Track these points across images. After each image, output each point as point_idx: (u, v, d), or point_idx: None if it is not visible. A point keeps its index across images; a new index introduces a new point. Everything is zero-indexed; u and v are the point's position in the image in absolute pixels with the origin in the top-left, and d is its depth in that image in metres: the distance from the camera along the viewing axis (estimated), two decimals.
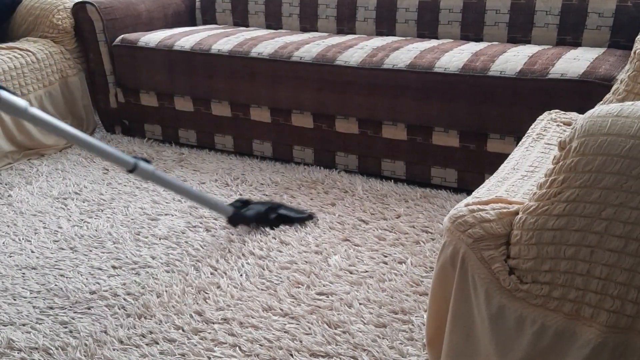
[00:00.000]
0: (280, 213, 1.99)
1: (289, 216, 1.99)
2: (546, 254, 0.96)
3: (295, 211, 2.03)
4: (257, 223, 1.97)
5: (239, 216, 1.95)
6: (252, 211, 1.96)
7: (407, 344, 1.44)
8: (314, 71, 2.34)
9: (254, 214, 1.96)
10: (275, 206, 2.01)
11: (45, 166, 2.55)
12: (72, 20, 2.79)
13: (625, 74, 1.46)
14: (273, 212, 1.98)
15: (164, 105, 2.76)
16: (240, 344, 1.45)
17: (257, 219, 1.96)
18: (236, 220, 1.96)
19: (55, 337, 1.49)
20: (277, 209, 1.99)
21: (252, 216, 1.95)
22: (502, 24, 2.49)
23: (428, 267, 1.76)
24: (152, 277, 1.73)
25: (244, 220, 1.96)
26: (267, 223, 1.97)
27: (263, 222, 1.97)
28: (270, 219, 1.97)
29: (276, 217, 1.98)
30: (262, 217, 1.96)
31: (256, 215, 1.96)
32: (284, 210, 2.01)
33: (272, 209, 1.99)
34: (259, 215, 1.96)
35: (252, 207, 1.98)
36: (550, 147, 1.41)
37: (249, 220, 1.96)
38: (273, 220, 1.97)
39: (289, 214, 2.00)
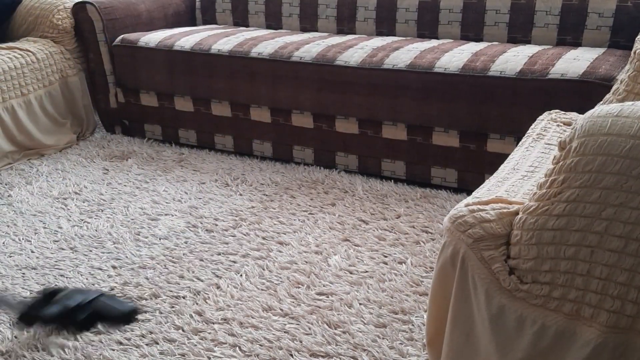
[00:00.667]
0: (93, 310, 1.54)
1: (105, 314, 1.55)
2: (546, 254, 0.96)
3: (116, 304, 1.58)
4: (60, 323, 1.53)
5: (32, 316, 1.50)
6: (55, 308, 1.52)
7: (407, 344, 1.44)
8: (314, 71, 2.34)
9: (57, 312, 1.51)
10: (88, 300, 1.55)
11: (45, 166, 2.55)
12: (72, 20, 2.79)
13: (625, 74, 1.46)
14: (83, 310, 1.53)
15: (164, 105, 2.76)
16: (240, 344, 1.45)
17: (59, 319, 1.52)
18: (28, 321, 1.51)
19: (56, 336, 1.48)
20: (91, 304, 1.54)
21: (52, 315, 1.51)
22: (502, 24, 2.49)
23: (428, 267, 1.76)
24: (152, 277, 1.73)
25: (38, 320, 1.51)
26: (74, 324, 1.53)
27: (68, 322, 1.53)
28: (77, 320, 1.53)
29: (87, 315, 1.53)
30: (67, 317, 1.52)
31: (59, 315, 1.51)
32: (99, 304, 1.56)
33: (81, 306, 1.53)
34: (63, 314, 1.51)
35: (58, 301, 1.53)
36: (551, 147, 1.41)
37: (45, 320, 1.51)
38: (82, 320, 1.53)
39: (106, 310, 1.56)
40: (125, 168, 2.53)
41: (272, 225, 2.01)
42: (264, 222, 2.03)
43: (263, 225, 2.01)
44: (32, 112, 2.64)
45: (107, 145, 2.80)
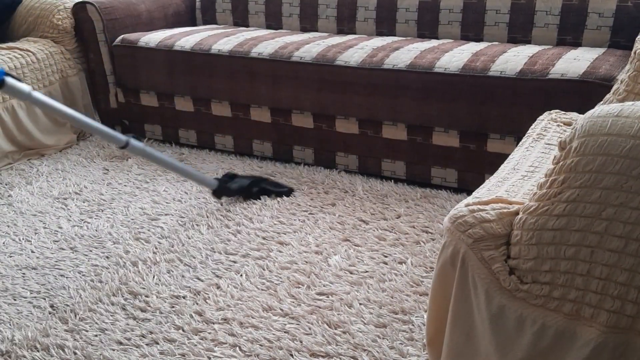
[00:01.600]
0: (262, 187, 2.18)
1: (270, 189, 2.19)
2: (546, 254, 0.96)
3: (277, 185, 2.23)
4: (240, 195, 2.16)
5: (223, 189, 2.11)
6: (236, 184, 2.14)
7: (407, 344, 1.44)
8: (314, 71, 2.34)
9: (237, 187, 2.13)
10: (258, 180, 2.19)
11: (46, 166, 2.55)
12: (72, 20, 2.79)
13: (626, 74, 1.46)
14: (256, 185, 2.17)
15: (164, 105, 2.76)
16: (240, 344, 1.45)
17: (240, 192, 2.15)
18: (220, 193, 2.12)
19: (56, 336, 1.49)
20: (260, 183, 2.18)
21: (235, 189, 2.13)
22: (502, 24, 2.49)
23: (428, 267, 1.76)
24: (152, 277, 1.73)
25: (227, 192, 2.13)
26: (250, 196, 2.16)
27: (246, 194, 2.16)
28: (252, 192, 2.15)
29: (258, 190, 2.16)
30: (245, 190, 2.15)
31: (239, 189, 2.14)
32: (265, 184, 2.20)
33: (254, 182, 2.17)
34: (242, 188, 2.14)
35: (236, 180, 2.16)
36: (551, 147, 1.41)
37: (232, 193, 2.14)
38: (255, 193, 2.16)
39: (270, 187, 2.20)
40: (125, 168, 2.53)
41: (272, 225, 2.01)
42: (264, 222, 2.03)
43: (263, 225, 2.01)
44: (32, 112, 2.64)
45: (107, 145, 2.80)
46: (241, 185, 2.15)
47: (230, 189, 2.13)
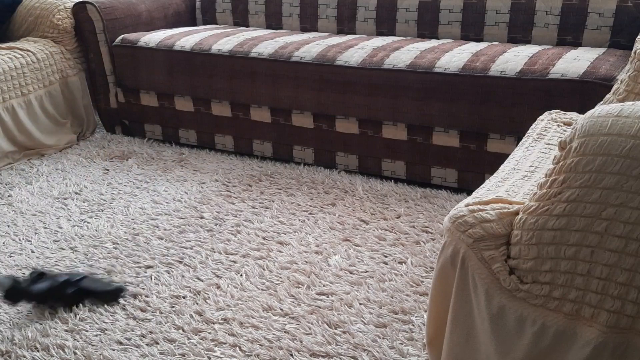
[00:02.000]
0: (81, 286, 1.62)
1: (92, 290, 1.64)
2: (546, 254, 0.96)
3: (101, 283, 1.67)
4: (48, 299, 1.60)
5: (19, 291, 1.57)
6: (43, 284, 1.59)
7: (407, 344, 1.44)
8: (314, 71, 2.34)
9: (45, 287, 1.58)
10: (75, 279, 1.63)
11: (46, 166, 2.55)
12: (73, 20, 2.79)
13: (626, 74, 1.46)
14: (71, 285, 1.61)
15: (164, 105, 2.76)
16: (240, 344, 1.45)
17: (47, 294, 1.59)
18: (14, 296, 1.57)
19: (56, 336, 1.49)
20: (79, 282, 1.62)
21: (40, 290, 1.58)
22: (503, 24, 2.49)
23: (428, 267, 1.76)
24: (152, 277, 1.73)
25: (26, 295, 1.58)
26: (62, 299, 1.60)
27: (56, 298, 1.60)
28: (65, 294, 1.60)
29: (75, 291, 1.61)
30: (55, 292, 1.59)
31: (47, 290, 1.58)
32: (87, 282, 1.64)
33: (69, 282, 1.61)
34: (51, 289, 1.59)
35: (46, 279, 1.61)
36: (551, 147, 1.41)
37: (33, 296, 1.58)
38: (70, 295, 1.60)
39: (93, 286, 1.64)
40: (125, 168, 2.53)
41: (272, 225, 2.01)
42: (264, 222, 2.03)
43: (263, 225, 2.01)
44: (33, 112, 2.64)
45: (107, 145, 2.80)
46: (50, 285, 1.59)
47: (30, 291, 1.57)
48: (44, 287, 1.58)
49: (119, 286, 1.66)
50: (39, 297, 1.59)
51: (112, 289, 1.65)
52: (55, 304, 1.60)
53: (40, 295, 1.58)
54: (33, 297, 1.58)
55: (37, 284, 1.59)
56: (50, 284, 1.59)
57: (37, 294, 1.57)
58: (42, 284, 1.59)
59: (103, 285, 1.66)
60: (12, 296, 1.56)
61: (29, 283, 1.58)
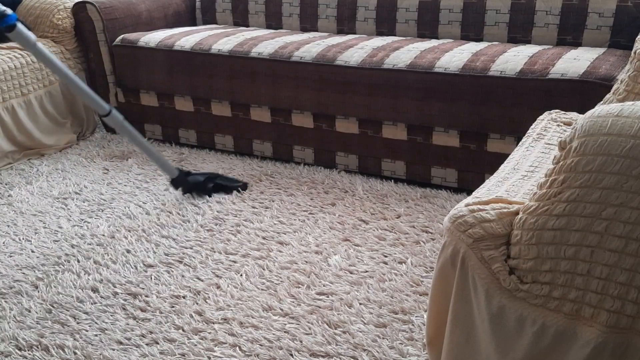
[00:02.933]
0: (216, 182, 2.24)
1: (224, 185, 2.25)
2: (546, 254, 0.96)
3: (231, 180, 2.30)
4: (197, 190, 2.23)
5: (182, 180, 2.20)
6: (193, 179, 2.22)
7: (407, 344, 1.44)
8: (314, 71, 2.34)
9: (194, 182, 2.21)
10: (212, 176, 2.27)
11: (46, 166, 2.55)
12: (72, 20, 2.79)
13: (626, 74, 1.46)
14: (210, 181, 2.24)
15: (164, 105, 2.76)
16: (240, 344, 1.45)
17: (195, 187, 2.22)
18: (178, 183, 2.20)
19: (55, 336, 1.49)
20: (215, 179, 2.25)
21: (192, 183, 2.21)
22: (503, 24, 2.49)
23: (428, 267, 1.76)
24: (152, 276, 1.73)
25: (184, 184, 2.21)
26: (205, 191, 2.22)
27: (201, 189, 2.22)
28: (207, 188, 2.22)
29: (213, 186, 2.23)
30: (201, 186, 2.22)
31: (195, 183, 2.21)
32: (220, 180, 2.26)
33: (209, 178, 2.24)
34: (197, 183, 2.21)
35: (192, 177, 2.23)
36: (551, 147, 1.41)
37: (188, 185, 2.21)
38: (210, 188, 2.23)
39: (225, 182, 2.26)
40: (125, 168, 2.53)
41: (272, 225, 2.01)
42: (264, 222, 2.03)
43: (263, 225, 2.01)
44: (33, 112, 2.64)
45: (107, 145, 2.80)
46: (196, 180, 2.22)
47: (188, 181, 2.21)
48: (197, 179, 2.22)
49: (243, 182, 2.31)
50: (192, 187, 2.22)
51: (239, 184, 2.28)
52: (201, 193, 2.22)
53: (194, 185, 2.21)
54: (189, 187, 2.22)
55: (190, 177, 2.22)
56: (197, 179, 2.22)
57: (191, 185, 2.21)
58: (192, 178, 2.22)
59: (232, 182, 2.29)
60: (176, 183, 2.20)
61: (184, 175, 2.21)
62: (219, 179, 2.27)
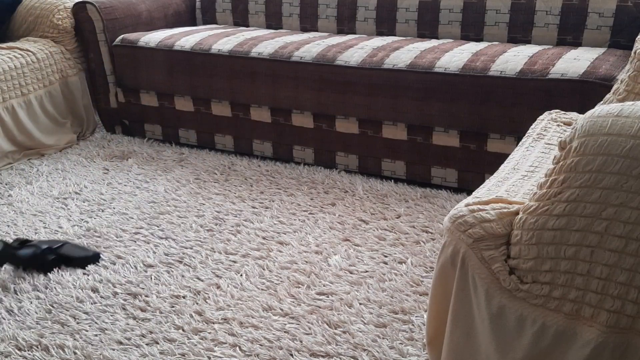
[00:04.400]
0: (60, 253, 1.78)
1: (71, 256, 1.79)
2: (546, 254, 0.96)
3: (79, 249, 1.82)
4: (31, 264, 1.76)
5: (7, 255, 1.72)
6: (27, 250, 1.74)
7: (407, 344, 1.44)
8: (314, 71, 2.34)
9: (30, 253, 1.74)
10: (55, 246, 1.79)
11: (46, 166, 2.55)
12: (73, 20, 2.79)
13: (626, 74, 1.46)
14: (51, 252, 1.77)
15: (164, 105, 2.76)
16: (240, 344, 1.45)
17: (31, 260, 1.75)
18: (2, 259, 1.72)
19: (55, 336, 1.49)
20: (57, 249, 1.78)
21: (25, 256, 1.74)
22: (503, 24, 2.49)
23: (428, 267, 1.76)
24: (152, 276, 1.73)
25: (11, 259, 1.73)
26: (44, 265, 1.76)
27: (39, 263, 1.76)
28: (46, 261, 1.76)
29: (55, 258, 1.77)
30: (39, 258, 1.75)
31: (32, 256, 1.74)
32: (65, 249, 1.80)
33: (50, 249, 1.77)
34: (34, 255, 1.74)
35: (29, 246, 1.77)
36: (551, 147, 1.41)
37: (18, 259, 1.74)
38: (50, 262, 1.76)
39: (70, 253, 1.79)
40: (125, 168, 2.53)
41: (272, 225, 2.01)
42: (264, 222, 2.03)
43: (263, 225, 2.01)
44: (33, 112, 2.65)
45: (107, 145, 2.80)
46: (34, 252, 1.75)
47: (16, 255, 1.73)
48: (29, 252, 1.74)
49: (95, 253, 1.82)
50: (24, 262, 1.74)
51: (89, 255, 1.81)
52: (37, 268, 1.75)
53: (26, 260, 1.74)
54: (19, 261, 1.74)
55: (22, 249, 1.74)
56: (34, 250, 1.75)
57: (22, 259, 1.73)
58: (27, 250, 1.74)
59: (81, 252, 1.81)
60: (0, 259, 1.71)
61: (15, 248, 1.74)
62: (64, 249, 1.80)
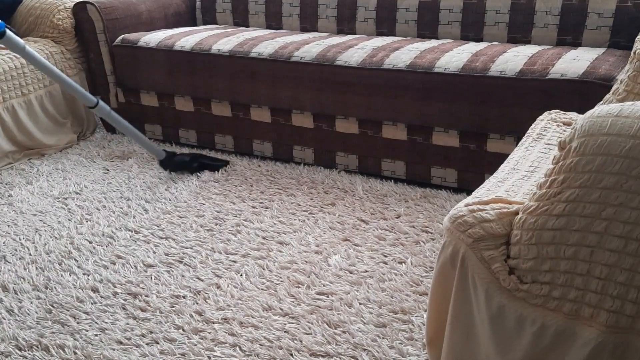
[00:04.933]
0: (201, 162, 2.46)
1: (208, 164, 2.47)
2: (546, 254, 0.96)
3: (214, 159, 2.51)
4: (183, 169, 2.45)
5: (170, 161, 2.41)
6: (179, 159, 2.43)
7: (407, 343, 1.44)
8: (314, 71, 2.34)
9: (180, 161, 2.43)
10: (196, 156, 2.48)
11: (46, 166, 2.55)
12: (73, 20, 2.79)
13: (625, 74, 1.46)
14: (195, 161, 2.45)
15: (164, 105, 2.76)
16: (240, 344, 1.45)
17: (183, 166, 2.44)
18: (167, 164, 2.42)
19: (55, 336, 1.49)
20: (199, 159, 2.47)
21: (179, 162, 2.43)
22: (502, 24, 2.50)
23: (428, 267, 1.76)
24: (153, 276, 1.73)
25: (172, 164, 2.42)
26: (191, 170, 2.45)
27: (188, 168, 2.44)
28: (193, 167, 2.44)
29: (198, 165, 2.45)
30: (187, 165, 2.44)
31: (182, 163, 2.43)
32: (204, 159, 2.48)
33: (194, 158, 2.46)
34: (184, 163, 2.43)
35: (178, 157, 2.44)
36: (550, 147, 1.41)
37: (176, 165, 2.43)
38: (196, 167, 2.45)
39: (208, 162, 2.48)
40: (125, 168, 2.53)
41: (272, 225, 2.01)
42: (264, 222, 2.03)
43: (263, 225, 2.01)
44: (33, 112, 2.65)
45: (107, 145, 2.80)
46: (183, 160, 2.43)
47: (175, 162, 2.42)
48: (183, 159, 2.44)
49: (225, 160, 2.53)
50: (180, 167, 2.44)
51: (221, 163, 2.51)
52: (188, 171, 2.45)
53: (181, 164, 2.43)
54: (176, 166, 2.44)
55: (176, 157, 2.43)
56: (183, 159, 2.44)
57: (179, 164, 2.44)
58: (180, 158, 2.44)
59: (215, 161, 2.50)
60: (164, 164, 2.42)
61: (171, 156, 2.42)
62: (203, 159, 2.48)
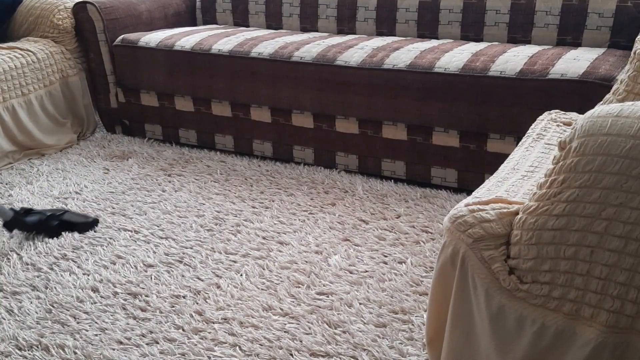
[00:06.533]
0: (63, 220, 1.96)
1: (72, 222, 1.97)
2: (546, 254, 0.96)
3: (80, 216, 2.02)
4: (38, 230, 1.95)
5: (17, 221, 1.90)
6: (33, 217, 1.93)
7: (407, 343, 1.44)
8: (314, 71, 2.34)
9: (34, 220, 1.92)
10: (58, 213, 1.97)
11: (46, 166, 2.55)
12: (73, 20, 2.79)
13: (625, 74, 1.47)
14: (55, 219, 1.95)
15: (164, 105, 2.76)
16: (240, 344, 1.45)
17: (37, 226, 1.93)
18: (12, 225, 1.90)
19: (55, 336, 1.49)
20: (60, 216, 1.97)
21: (32, 223, 1.92)
22: (502, 24, 2.50)
23: (428, 267, 1.76)
24: (152, 276, 1.73)
25: (21, 225, 1.92)
26: (48, 231, 1.94)
27: (44, 229, 1.94)
28: (51, 227, 1.94)
29: (58, 224, 1.95)
30: (44, 225, 1.93)
31: (37, 222, 1.93)
32: (67, 216, 1.98)
33: (53, 216, 1.95)
34: (40, 222, 1.93)
35: (34, 214, 1.94)
36: (551, 147, 1.41)
37: (27, 226, 1.92)
38: (54, 227, 1.94)
39: (73, 219, 1.98)
40: (125, 168, 2.53)
41: (272, 225, 2.01)
42: (264, 222, 2.03)
43: (263, 225, 2.01)
44: (33, 112, 2.65)
45: (107, 145, 2.80)
46: (39, 219, 1.93)
47: (25, 222, 1.91)
48: (36, 219, 1.92)
49: (94, 218, 2.02)
50: (31, 228, 1.93)
51: (89, 221, 2.00)
52: (43, 233, 1.94)
53: (33, 225, 1.92)
54: (26, 227, 1.92)
55: (29, 217, 1.92)
56: (39, 217, 1.93)
57: (30, 225, 1.92)
58: (34, 217, 1.92)
59: (81, 218, 2.00)
60: (10, 225, 1.89)
61: (23, 215, 1.92)
62: (66, 216, 1.99)
